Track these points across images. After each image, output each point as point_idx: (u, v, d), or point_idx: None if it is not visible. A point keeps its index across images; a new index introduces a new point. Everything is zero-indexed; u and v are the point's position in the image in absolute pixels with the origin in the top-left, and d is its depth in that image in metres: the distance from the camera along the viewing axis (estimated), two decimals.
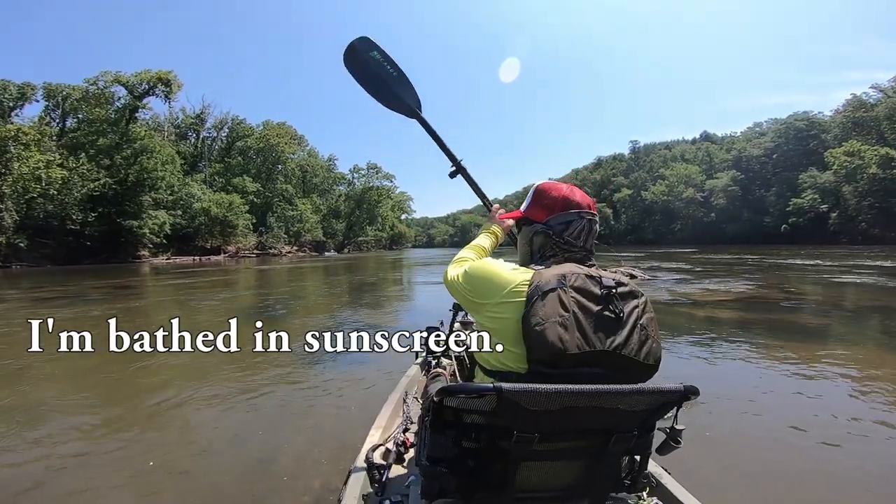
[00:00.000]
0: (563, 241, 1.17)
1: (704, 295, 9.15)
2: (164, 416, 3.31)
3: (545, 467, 1.03)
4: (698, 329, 6.03)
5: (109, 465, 2.54)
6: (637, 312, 1.04)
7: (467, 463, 0.99)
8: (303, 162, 66.81)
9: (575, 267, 1.07)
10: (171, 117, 56.60)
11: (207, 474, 2.39)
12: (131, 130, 39.06)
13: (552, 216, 1.19)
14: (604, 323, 0.99)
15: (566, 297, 0.98)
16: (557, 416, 0.91)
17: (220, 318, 7.58)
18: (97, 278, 18.69)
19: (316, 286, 14.39)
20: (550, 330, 0.95)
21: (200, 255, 43.14)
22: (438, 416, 1.00)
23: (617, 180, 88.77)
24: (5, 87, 42.37)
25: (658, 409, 1.01)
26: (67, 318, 7.98)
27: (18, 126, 30.72)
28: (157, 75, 40.16)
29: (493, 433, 0.96)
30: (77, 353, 4.59)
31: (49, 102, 44.52)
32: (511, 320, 1.02)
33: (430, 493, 1.02)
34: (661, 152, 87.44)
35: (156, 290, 14.31)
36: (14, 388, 4.01)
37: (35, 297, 12.11)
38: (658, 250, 38.90)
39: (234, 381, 4.08)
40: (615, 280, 1.06)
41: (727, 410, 3.19)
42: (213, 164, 56.48)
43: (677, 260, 22.75)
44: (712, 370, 4.28)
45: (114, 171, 37.31)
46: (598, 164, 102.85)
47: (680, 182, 72.26)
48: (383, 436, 1.83)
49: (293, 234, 57.79)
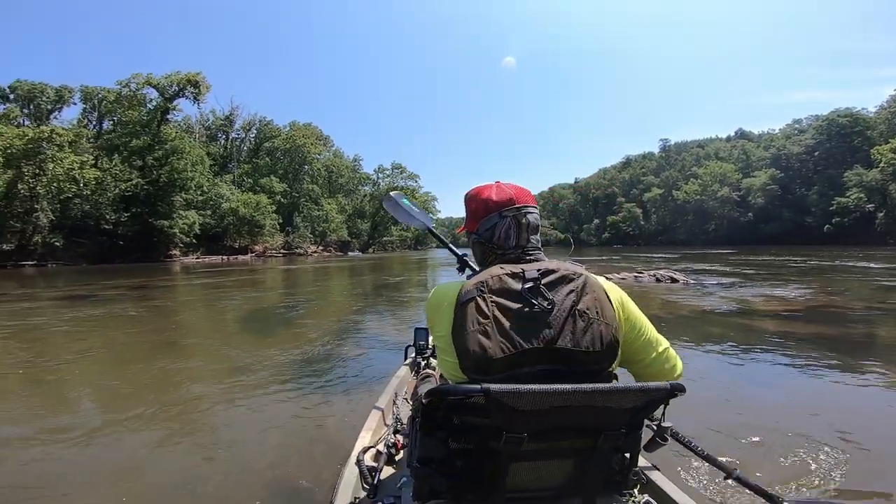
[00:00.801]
0: (495, 246, 1.14)
1: (763, 302, 8.28)
2: (152, 420, 3.19)
3: (536, 467, 1.02)
4: (776, 344, 5.27)
5: (93, 467, 2.53)
6: (573, 298, 1.00)
7: (458, 464, 0.97)
8: (328, 162, 67.40)
9: (498, 268, 1.04)
10: (201, 119, 57.92)
11: (191, 481, 2.31)
12: (162, 132, 39.92)
13: (479, 223, 1.17)
14: (530, 319, 0.97)
15: (484, 303, 0.98)
16: (546, 416, 0.91)
17: (241, 319, 7.45)
18: (130, 277, 18.99)
19: (340, 286, 14.08)
20: (471, 339, 0.95)
21: (229, 254, 43.79)
22: (427, 417, 0.98)
23: (647, 179, 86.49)
24: (42, 91, 44.02)
25: (645, 407, 0.99)
26: (99, 315, 8.16)
27: (52, 127, 31.65)
28: (186, 77, 40.90)
29: (482, 434, 0.94)
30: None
31: (86, 105, 46.11)
32: (446, 336, 1.02)
33: (422, 494, 1.00)
34: (693, 150, 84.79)
35: (185, 290, 14.38)
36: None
37: (71, 294, 12.17)
38: (692, 251, 37.21)
39: (224, 384, 4.01)
40: (541, 270, 1.03)
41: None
42: (241, 165, 57.47)
43: (716, 261, 21.54)
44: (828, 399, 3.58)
45: (146, 171, 38.18)
46: (626, 162, 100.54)
47: (714, 181, 69.84)
48: (374, 438, 1.83)
49: (319, 233, 58.27)
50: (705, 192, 70.29)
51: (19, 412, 3.49)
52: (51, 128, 31.24)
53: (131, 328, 6.99)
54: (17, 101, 45.18)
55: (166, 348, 5.55)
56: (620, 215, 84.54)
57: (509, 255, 1.13)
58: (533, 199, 1.20)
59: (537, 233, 1.17)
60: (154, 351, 5.34)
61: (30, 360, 5.01)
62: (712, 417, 3.02)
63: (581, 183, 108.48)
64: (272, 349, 5.23)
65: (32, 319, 7.96)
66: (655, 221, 79.85)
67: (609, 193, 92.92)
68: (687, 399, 1.01)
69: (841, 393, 3.65)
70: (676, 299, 8.61)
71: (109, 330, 6.81)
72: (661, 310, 7.50)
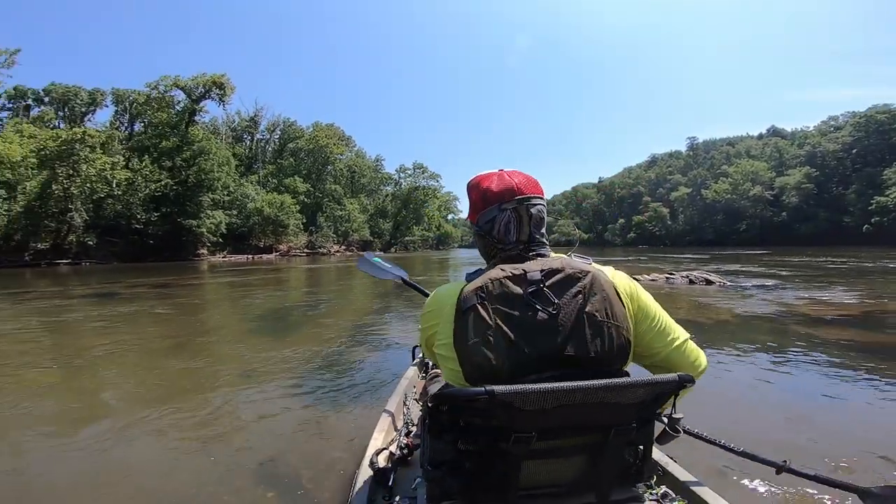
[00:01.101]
0: (495, 240, 1.10)
1: (808, 306, 7.72)
2: (167, 420, 3.14)
3: (548, 465, 1.00)
4: (833, 352, 4.81)
5: (107, 467, 2.52)
6: (580, 300, 0.95)
7: (468, 465, 0.96)
8: (351, 162, 67.91)
9: (498, 270, 0.99)
10: (227, 120, 59.08)
11: (202, 483, 2.27)
12: (190, 133, 40.78)
13: (478, 216, 1.12)
14: (535, 326, 0.93)
15: (486, 311, 0.94)
16: (553, 415, 0.89)
17: (262, 318, 7.37)
18: (159, 275, 19.38)
19: (361, 286, 13.94)
20: (474, 351, 0.93)
21: (254, 253, 44.50)
22: (435, 420, 0.98)
23: (674, 178, 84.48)
24: (76, 93, 45.59)
25: (654, 400, 0.97)
26: (127, 313, 8.31)
27: (84, 129, 32.60)
28: (211, 78, 41.71)
29: (491, 435, 0.93)
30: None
31: (118, 107, 47.54)
32: (448, 345, 1.00)
33: (435, 496, 1.01)
34: (723, 148, 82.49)
35: (211, 288, 14.50)
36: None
37: (103, 292, 12.39)
38: (722, 252, 35.93)
39: (239, 385, 3.97)
40: (545, 270, 0.98)
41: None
42: (266, 166, 58.38)
43: (750, 262, 20.63)
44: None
45: (175, 172, 39.06)
46: (652, 161, 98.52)
47: (746, 179, 67.71)
48: (386, 439, 1.83)
49: (341, 233, 58.72)
50: (736, 190, 68.25)
51: (47, 407, 3.55)
52: (83, 129, 32.18)
53: (156, 326, 7.06)
54: (51, 103, 46.95)
55: (187, 347, 5.56)
56: (646, 215, 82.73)
57: (510, 251, 1.08)
58: (539, 189, 1.11)
59: (542, 226, 1.10)
60: (175, 350, 5.37)
61: (58, 356, 5.10)
62: (776, 435, 2.68)
63: (605, 182, 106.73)
64: (288, 349, 5.20)
65: (65, 316, 8.13)
66: (683, 221, 77.89)
67: (634, 193, 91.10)
68: (743, 413, 0.84)
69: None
70: (713, 302, 8.13)
71: (136, 327, 6.89)
72: (699, 314, 7.04)
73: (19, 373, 4.48)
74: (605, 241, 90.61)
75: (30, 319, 7.92)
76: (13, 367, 4.66)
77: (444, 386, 1.00)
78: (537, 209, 1.08)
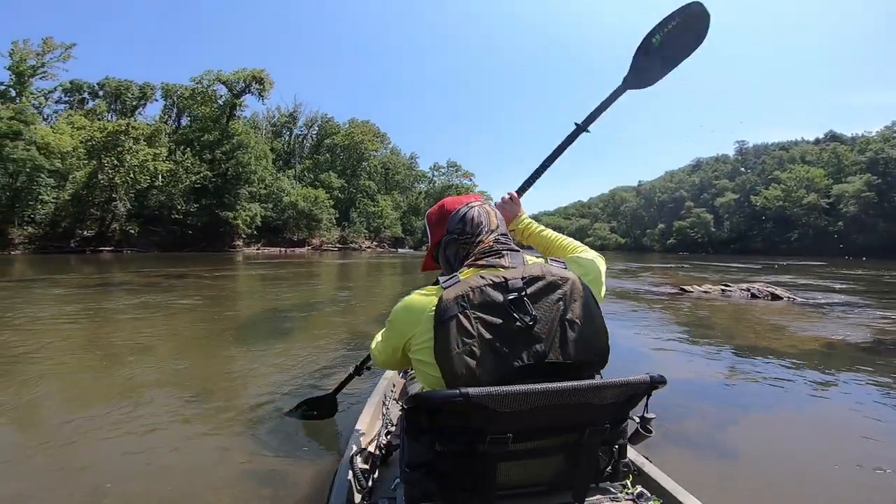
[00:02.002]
0: (469, 236, 1.15)
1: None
2: (143, 420, 2.92)
3: (524, 465, 1.01)
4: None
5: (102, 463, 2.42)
6: (560, 306, 0.98)
7: (446, 467, 0.97)
8: (385, 159, 68.15)
9: (478, 277, 1.01)
10: (268, 116, 60.25)
11: (175, 487, 2.13)
12: (230, 127, 41.59)
13: (447, 223, 1.20)
14: (517, 335, 0.95)
15: (467, 321, 0.95)
16: (529, 416, 0.91)
17: (281, 313, 6.94)
18: (196, 265, 19.65)
19: (391, 282, 13.40)
20: (458, 361, 0.93)
21: (287, 246, 45.10)
22: (412, 422, 0.99)
23: (720, 183, 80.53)
24: (128, 87, 47.35)
25: (628, 401, 1.00)
26: (163, 302, 8.49)
27: (129, 121, 33.71)
28: (251, 73, 42.50)
29: (467, 437, 0.94)
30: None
31: (166, 101, 49.14)
32: (427, 351, 0.99)
33: (414, 498, 1.01)
34: (775, 153, 78.03)
35: (244, 280, 14.42)
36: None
37: (143, 281, 12.40)
38: (773, 262, 33.40)
39: (230, 381, 3.86)
40: (526, 277, 1.00)
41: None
42: (303, 161, 59.19)
43: (807, 274, 18.86)
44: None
45: (214, 165, 39.93)
46: (696, 165, 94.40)
47: (800, 186, 63.76)
48: (366, 440, 1.84)
49: (373, 229, 58.90)
50: (789, 197, 64.37)
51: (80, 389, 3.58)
52: (127, 121, 33.29)
53: (188, 315, 7.07)
54: (105, 97, 48.95)
55: (206, 340, 5.43)
56: (688, 220, 79.20)
57: (484, 248, 1.11)
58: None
59: (505, 225, 1.22)
60: (194, 344, 5.25)
61: (90, 344, 5.06)
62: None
63: (645, 186, 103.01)
64: (294, 348, 4.97)
65: (105, 303, 8.21)
66: (728, 228, 74.15)
67: (676, 197, 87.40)
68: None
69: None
70: (789, 324, 6.98)
71: (169, 317, 6.88)
72: (775, 339, 5.82)
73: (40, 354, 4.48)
74: (643, 247, 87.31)
75: (66, 304, 8.01)
76: (34, 348, 4.70)
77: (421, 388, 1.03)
78: (490, 206, 1.20)
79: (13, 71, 34.20)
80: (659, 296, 10.42)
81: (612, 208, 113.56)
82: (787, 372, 4.28)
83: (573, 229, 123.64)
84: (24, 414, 3.06)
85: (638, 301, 9.45)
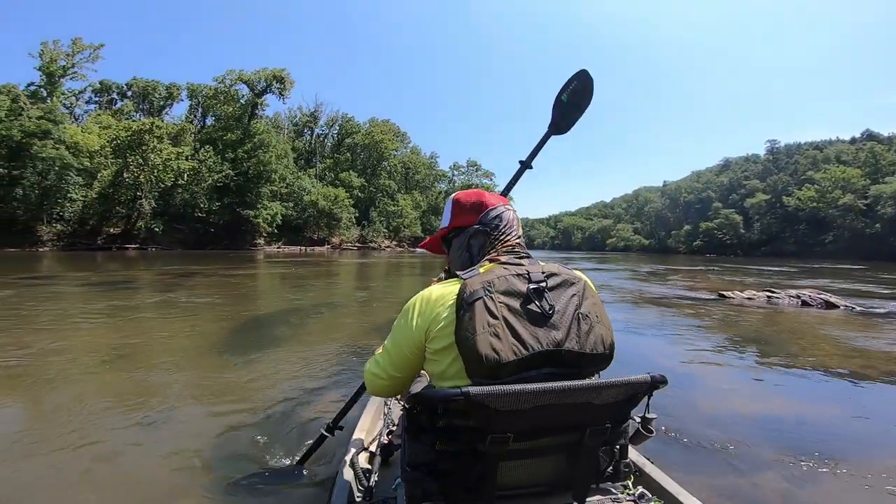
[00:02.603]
0: (500, 234, 1.18)
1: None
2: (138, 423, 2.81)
3: (525, 465, 1.02)
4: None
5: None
6: (575, 301, 1.02)
7: (446, 466, 0.97)
8: (405, 158, 68.01)
9: (501, 268, 1.04)
10: (290, 116, 60.73)
11: (174, 487, 2.09)
12: (252, 126, 41.92)
13: (482, 215, 1.20)
14: (539, 321, 0.97)
15: (493, 304, 0.96)
16: (529, 416, 0.91)
17: (297, 313, 6.89)
18: (217, 263, 19.79)
19: (411, 284, 12.96)
20: (482, 341, 0.93)
21: (307, 245, 45.27)
22: (413, 422, 0.99)
23: (750, 184, 77.86)
24: (155, 88, 48.25)
25: (628, 401, 1.01)
26: (184, 300, 8.52)
27: (152, 120, 34.18)
28: (272, 73, 42.81)
29: (468, 436, 0.94)
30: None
31: (192, 101, 49.91)
32: (447, 338, 1.00)
33: (415, 497, 1.01)
34: (808, 153, 75.04)
35: (265, 279, 14.24)
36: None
37: (169, 280, 12.34)
38: (806, 265, 31.66)
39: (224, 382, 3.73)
40: (545, 272, 1.04)
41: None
42: (324, 160, 59.46)
43: (849, 278, 17.59)
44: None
45: (236, 163, 40.29)
46: (725, 165, 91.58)
47: (835, 187, 61.10)
48: (367, 439, 1.83)
49: (393, 228, 58.76)
50: (823, 198, 61.78)
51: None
52: (151, 121, 33.72)
53: (208, 314, 6.99)
54: (133, 97, 49.98)
55: (223, 341, 5.30)
56: (716, 222, 76.81)
57: (512, 247, 1.16)
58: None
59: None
60: (207, 346, 5.05)
61: (117, 342, 4.97)
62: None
63: (670, 186, 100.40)
64: (306, 349, 4.89)
65: (129, 301, 8.28)
66: (758, 230, 71.64)
67: (703, 198, 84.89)
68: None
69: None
70: (857, 338, 6.15)
71: (189, 317, 6.75)
72: (845, 358, 4.89)
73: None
74: (668, 248, 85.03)
75: (90, 302, 8.06)
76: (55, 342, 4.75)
77: (426, 386, 1.04)
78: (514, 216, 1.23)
79: (43, 71, 35.07)
80: (696, 302, 9.63)
81: (635, 209, 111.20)
82: (872, 401, 3.63)
83: (595, 230, 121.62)
84: (38, 413, 3.04)
85: (674, 308, 8.73)
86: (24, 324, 5.73)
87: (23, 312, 6.55)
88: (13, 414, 2.98)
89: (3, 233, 28.80)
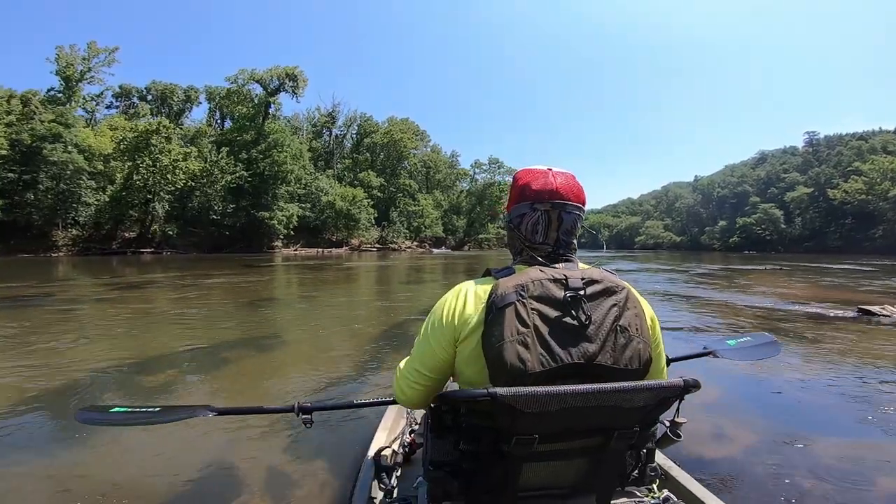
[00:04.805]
0: (522, 236, 1.09)
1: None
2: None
3: (549, 467, 0.99)
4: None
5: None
6: (615, 312, 0.95)
7: (470, 466, 0.97)
8: (426, 157, 66.62)
9: (537, 271, 0.97)
10: (308, 116, 59.96)
11: (203, 482, 2.16)
12: (266, 126, 41.07)
13: (513, 208, 1.11)
14: (572, 332, 0.92)
15: (525, 310, 0.91)
16: (556, 418, 0.88)
17: (313, 321, 6.17)
18: (232, 267, 19.24)
19: (432, 289, 11.29)
20: (509, 350, 0.89)
21: (326, 247, 44.20)
22: (437, 421, 0.99)
23: (789, 177, 73.58)
24: (173, 91, 47.94)
25: (658, 405, 0.96)
26: (200, 304, 8.50)
27: (159, 121, 33.48)
28: (284, 70, 41.88)
29: (492, 436, 0.93)
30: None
31: (210, 104, 49.47)
32: (475, 338, 0.96)
33: (436, 496, 1.01)
34: (852, 144, 70.38)
35: (281, 284, 13.31)
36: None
37: (182, 283, 11.62)
38: (855, 262, 28.26)
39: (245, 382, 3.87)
40: (585, 279, 0.96)
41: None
42: (343, 160, 58.48)
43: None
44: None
45: (251, 164, 39.40)
46: (761, 158, 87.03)
47: (884, 178, 56.88)
48: (389, 437, 1.84)
49: (413, 229, 57.38)
50: (872, 191, 57.59)
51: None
52: (158, 121, 33.07)
53: (225, 322, 6.90)
54: (153, 101, 49.80)
55: (239, 346, 5.24)
56: (754, 217, 72.78)
57: (537, 250, 1.06)
58: (580, 196, 1.07)
59: (573, 234, 1.08)
60: (222, 347, 5.09)
61: (136, 347, 5.03)
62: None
63: (702, 181, 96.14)
64: (326, 351, 5.00)
65: (147, 306, 8.34)
66: (800, 225, 67.51)
67: (738, 192, 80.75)
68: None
69: None
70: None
71: (205, 321, 6.86)
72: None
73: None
74: (701, 245, 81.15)
75: (105, 306, 8.17)
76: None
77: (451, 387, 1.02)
78: (571, 217, 1.06)
79: (61, 76, 34.74)
80: (826, 322, 6.71)
81: (665, 205, 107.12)
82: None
83: (623, 227, 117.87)
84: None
85: (808, 331, 6.00)
86: (31, 334, 5.62)
87: (35, 323, 6.42)
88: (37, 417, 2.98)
89: (20, 238, 28.44)
